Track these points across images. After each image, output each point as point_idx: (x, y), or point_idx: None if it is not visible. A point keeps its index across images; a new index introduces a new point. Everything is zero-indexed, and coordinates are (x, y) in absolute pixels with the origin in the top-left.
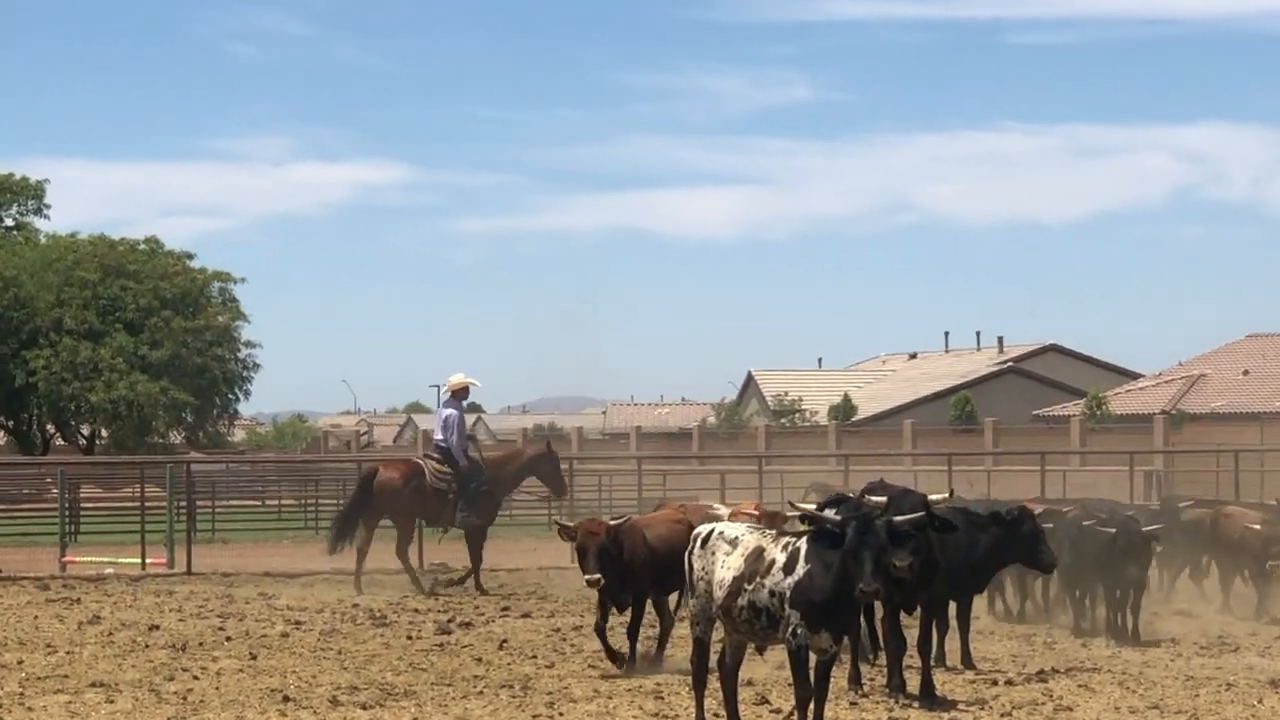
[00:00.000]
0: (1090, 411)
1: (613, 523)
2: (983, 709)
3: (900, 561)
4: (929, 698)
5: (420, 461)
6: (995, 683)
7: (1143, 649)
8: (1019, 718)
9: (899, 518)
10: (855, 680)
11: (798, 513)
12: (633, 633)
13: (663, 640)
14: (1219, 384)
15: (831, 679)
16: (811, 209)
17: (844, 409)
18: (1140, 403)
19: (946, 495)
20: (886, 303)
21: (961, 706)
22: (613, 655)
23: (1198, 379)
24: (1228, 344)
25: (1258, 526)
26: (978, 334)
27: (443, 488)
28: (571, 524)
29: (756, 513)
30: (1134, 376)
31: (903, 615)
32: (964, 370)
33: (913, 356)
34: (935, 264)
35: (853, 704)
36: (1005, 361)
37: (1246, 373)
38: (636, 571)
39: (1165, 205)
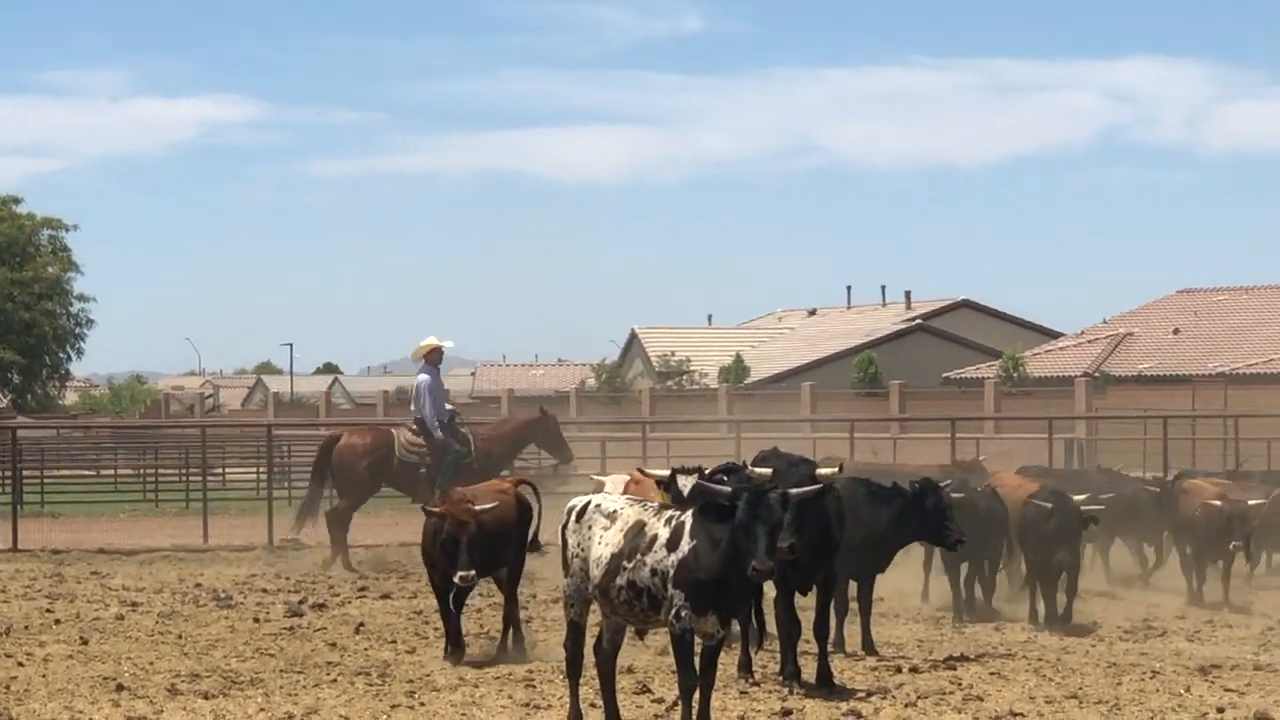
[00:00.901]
0: (1006, 373)
1: (480, 508)
2: (885, 698)
3: (780, 542)
4: (826, 686)
5: (394, 432)
6: (899, 670)
7: (1061, 634)
8: (924, 708)
9: (794, 490)
10: (745, 667)
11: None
12: (451, 615)
13: (508, 622)
14: (1147, 344)
15: (719, 665)
16: (703, 151)
17: (736, 370)
18: (1061, 364)
19: (836, 469)
20: (784, 254)
21: (862, 696)
22: (457, 644)
23: (1123, 338)
24: (1156, 300)
25: (1218, 502)
26: (883, 289)
27: (413, 460)
28: (438, 509)
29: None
30: (1054, 336)
31: (797, 596)
32: (868, 328)
33: (812, 313)
34: (838, 212)
35: (743, 693)
36: (913, 319)
37: (1177, 331)
38: (498, 551)
39: (1091, 148)
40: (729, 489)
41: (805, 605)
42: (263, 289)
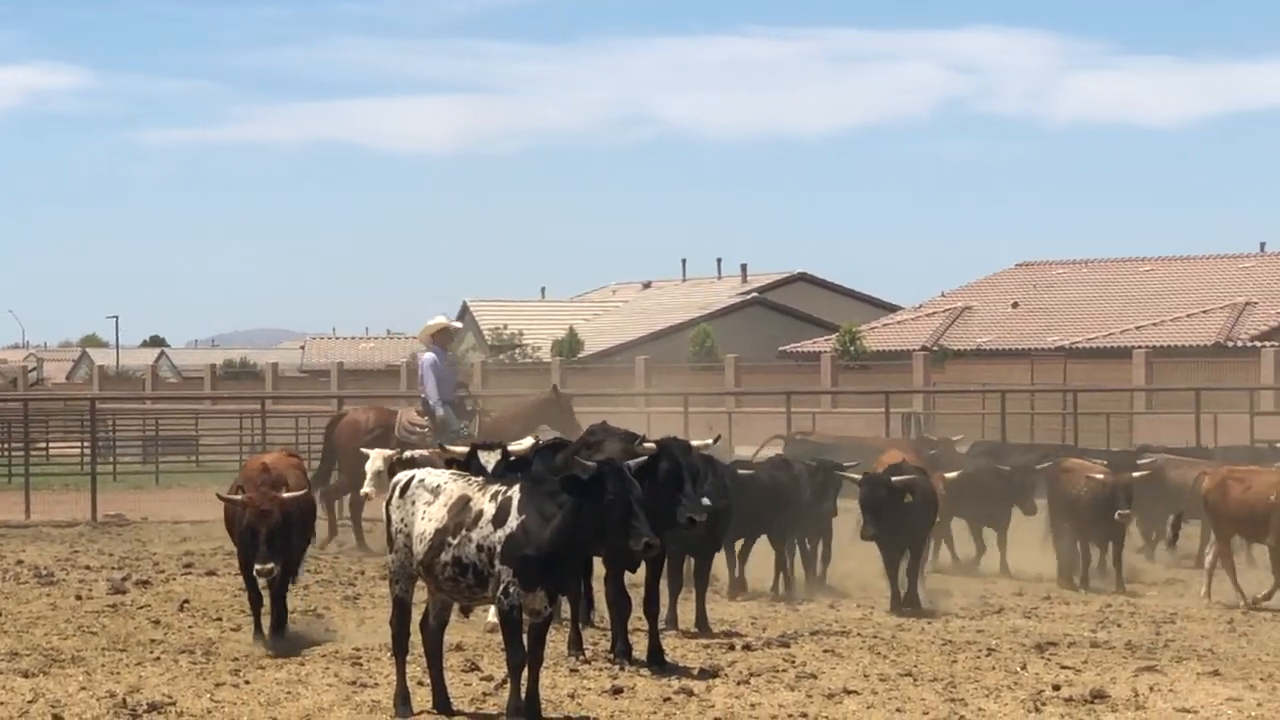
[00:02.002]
0: (843, 347)
1: (286, 495)
2: (717, 676)
3: (696, 515)
4: (658, 663)
5: (399, 411)
6: (732, 648)
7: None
8: (757, 686)
9: (630, 462)
10: (576, 644)
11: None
12: (279, 606)
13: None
14: (985, 317)
15: (549, 643)
16: (538, 121)
17: (569, 344)
18: (899, 338)
19: (711, 440)
20: (619, 227)
21: (694, 674)
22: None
23: (962, 312)
24: (995, 274)
25: (1100, 476)
26: (719, 261)
27: (413, 441)
28: (238, 497)
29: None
30: (892, 309)
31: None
32: (703, 301)
33: (646, 286)
34: (674, 184)
35: (573, 671)
36: (749, 292)
37: (1015, 305)
38: (291, 536)
39: (931, 120)
40: (594, 464)
41: (635, 582)
42: (89, 260)
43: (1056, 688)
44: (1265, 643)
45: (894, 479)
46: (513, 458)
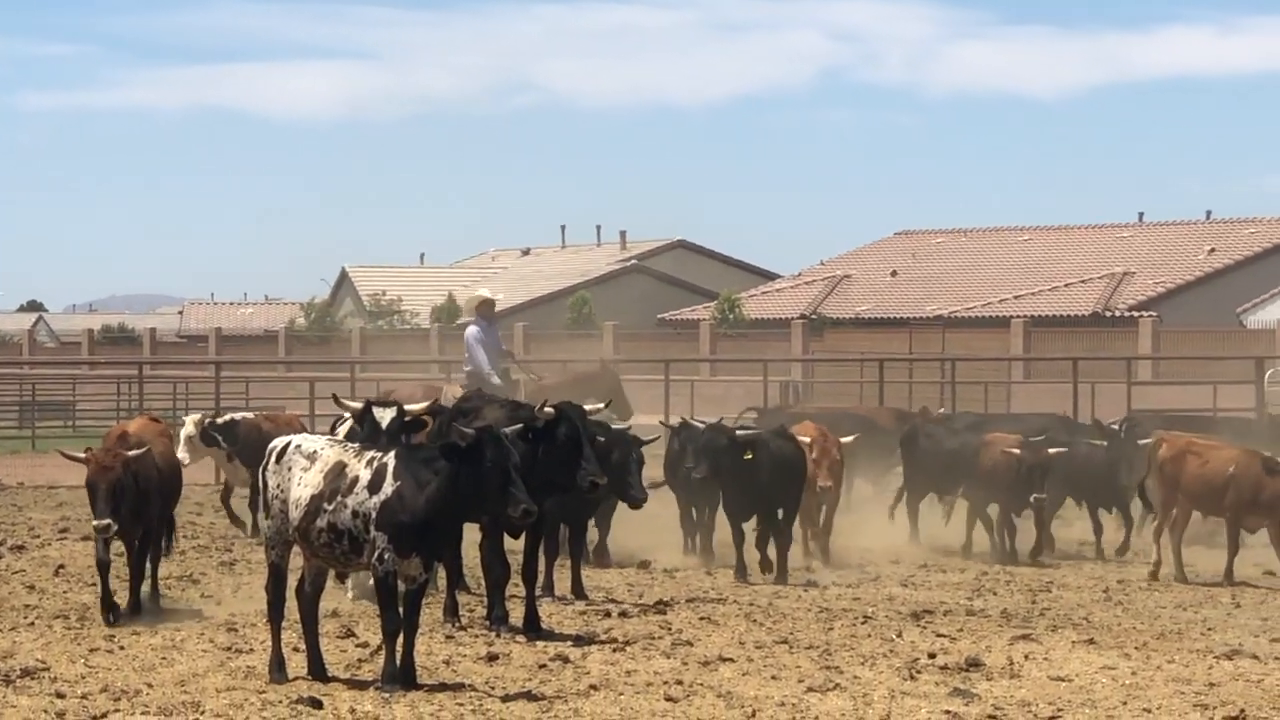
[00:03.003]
0: (722, 315)
1: (131, 453)
2: (593, 644)
3: (599, 479)
4: (534, 630)
5: (444, 387)
6: (608, 614)
7: (772, 581)
8: (633, 653)
9: (508, 429)
10: (452, 611)
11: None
12: (137, 572)
13: (149, 576)
14: (864, 286)
15: (424, 609)
16: (419, 87)
17: (448, 310)
18: (778, 306)
19: (601, 405)
20: (498, 193)
21: (570, 640)
22: (107, 605)
23: (841, 280)
24: (874, 242)
25: (1017, 451)
26: (598, 228)
27: None
28: (81, 454)
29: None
30: (771, 277)
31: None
32: (582, 268)
33: (526, 253)
34: (554, 150)
35: (449, 637)
36: (628, 259)
37: (894, 274)
38: (150, 500)
39: (812, 88)
40: (472, 431)
41: (514, 549)
42: None
43: (932, 656)
44: (1140, 611)
45: (739, 433)
46: (407, 417)
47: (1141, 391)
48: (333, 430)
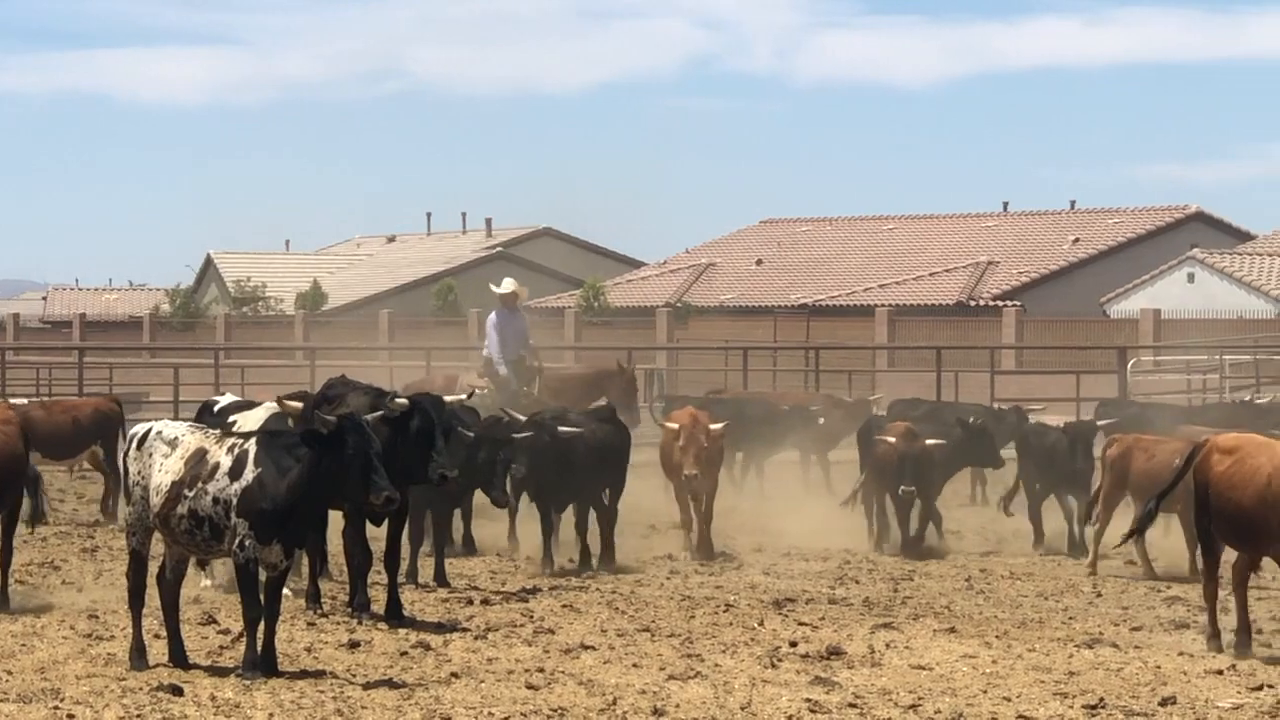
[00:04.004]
0: (587, 303)
1: None
2: (455, 631)
3: (449, 471)
4: (396, 617)
5: (460, 375)
6: (471, 602)
7: (635, 569)
8: (495, 641)
9: (369, 416)
10: (314, 598)
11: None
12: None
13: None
14: (729, 274)
15: (286, 596)
16: (287, 74)
17: (313, 297)
18: (643, 294)
19: (465, 396)
20: (363, 179)
21: (432, 628)
22: None
23: (706, 268)
24: (740, 231)
25: (892, 439)
26: (464, 215)
27: (473, 403)
28: None
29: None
30: (637, 265)
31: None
32: (448, 255)
33: (391, 240)
34: (420, 137)
35: (311, 624)
36: (494, 246)
37: (760, 262)
38: None
39: (679, 76)
40: (334, 419)
41: (376, 535)
42: None
43: (793, 644)
44: (1002, 600)
45: (560, 428)
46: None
47: (1005, 380)
48: (199, 418)
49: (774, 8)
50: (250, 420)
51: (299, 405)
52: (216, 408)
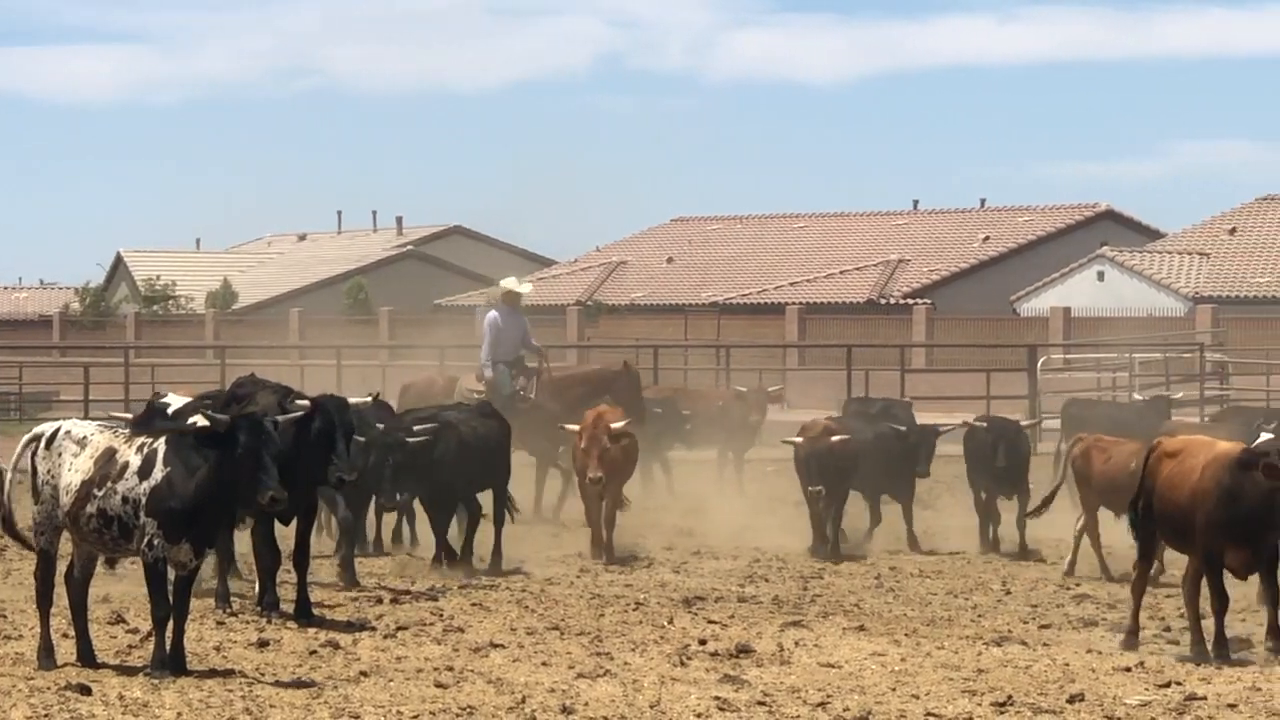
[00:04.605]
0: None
1: None
2: (364, 630)
3: (348, 475)
4: (305, 616)
5: (460, 378)
6: (380, 600)
7: (547, 566)
8: (404, 639)
9: (281, 417)
10: (223, 598)
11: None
12: None
13: None
14: (640, 272)
15: (195, 595)
16: (197, 72)
17: (224, 296)
18: (553, 292)
19: (369, 398)
20: (274, 178)
21: (341, 626)
22: None
23: (617, 266)
24: (650, 229)
25: (799, 440)
26: (374, 214)
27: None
28: None
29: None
30: (547, 263)
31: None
32: (359, 254)
33: (302, 238)
34: (330, 135)
35: (220, 623)
36: (405, 244)
37: (670, 260)
38: None
39: (591, 74)
40: (226, 417)
41: (285, 534)
42: None
43: (703, 642)
44: (911, 598)
45: (409, 430)
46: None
47: (915, 378)
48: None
49: (686, 6)
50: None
51: (309, 404)
52: (170, 410)
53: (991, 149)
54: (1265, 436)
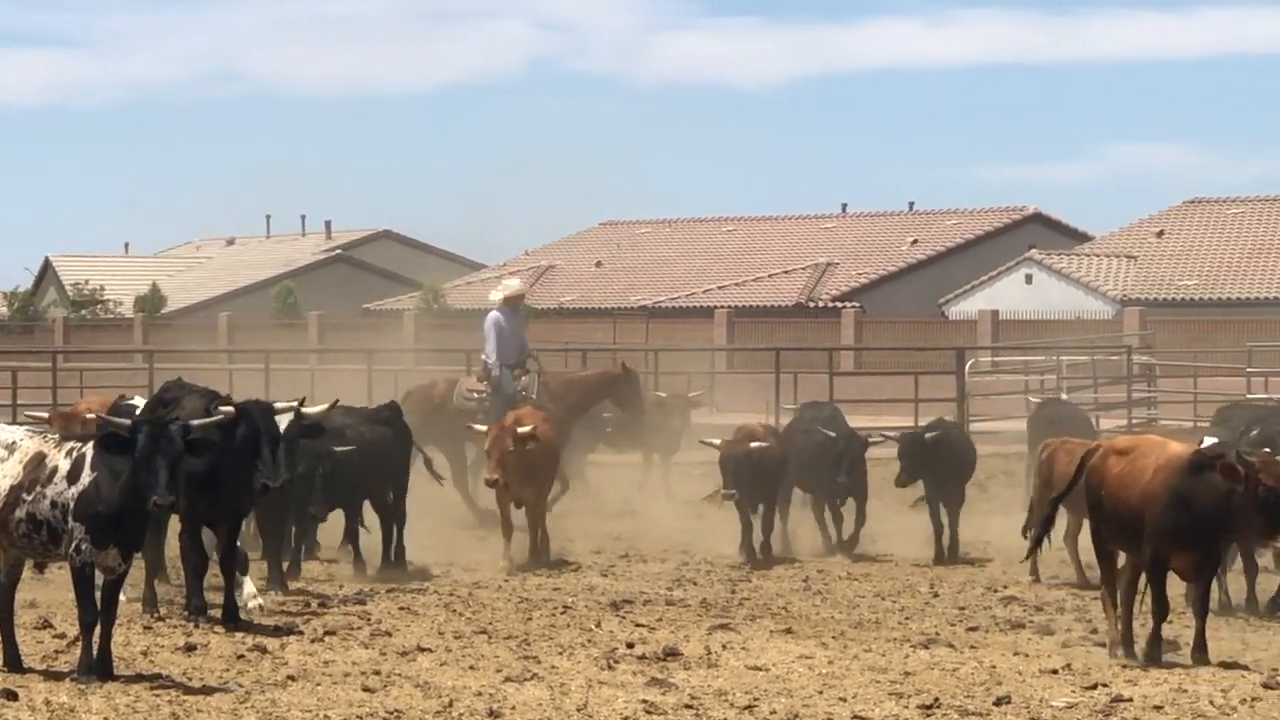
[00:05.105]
0: (426, 305)
1: None
2: (292, 634)
3: (273, 481)
4: (233, 620)
5: (459, 379)
6: (308, 605)
7: (473, 570)
8: (332, 644)
9: (195, 422)
10: (151, 602)
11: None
12: None
13: None
14: (569, 276)
15: (123, 600)
16: (125, 75)
17: (152, 300)
18: (482, 296)
19: (295, 403)
20: (203, 182)
21: (269, 631)
22: None
23: (546, 270)
24: (579, 232)
25: (717, 442)
26: (303, 218)
27: (470, 407)
28: None
29: None
30: (476, 267)
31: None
32: (287, 258)
33: (231, 243)
34: (259, 139)
35: (147, 628)
36: (334, 249)
37: (599, 264)
38: None
39: (520, 78)
40: (129, 421)
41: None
42: None
43: (630, 645)
44: (839, 601)
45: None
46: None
47: (843, 382)
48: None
49: (615, 9)
50: None
51: (231, 410)
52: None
53: (920, 152)
54: (1210, 441)
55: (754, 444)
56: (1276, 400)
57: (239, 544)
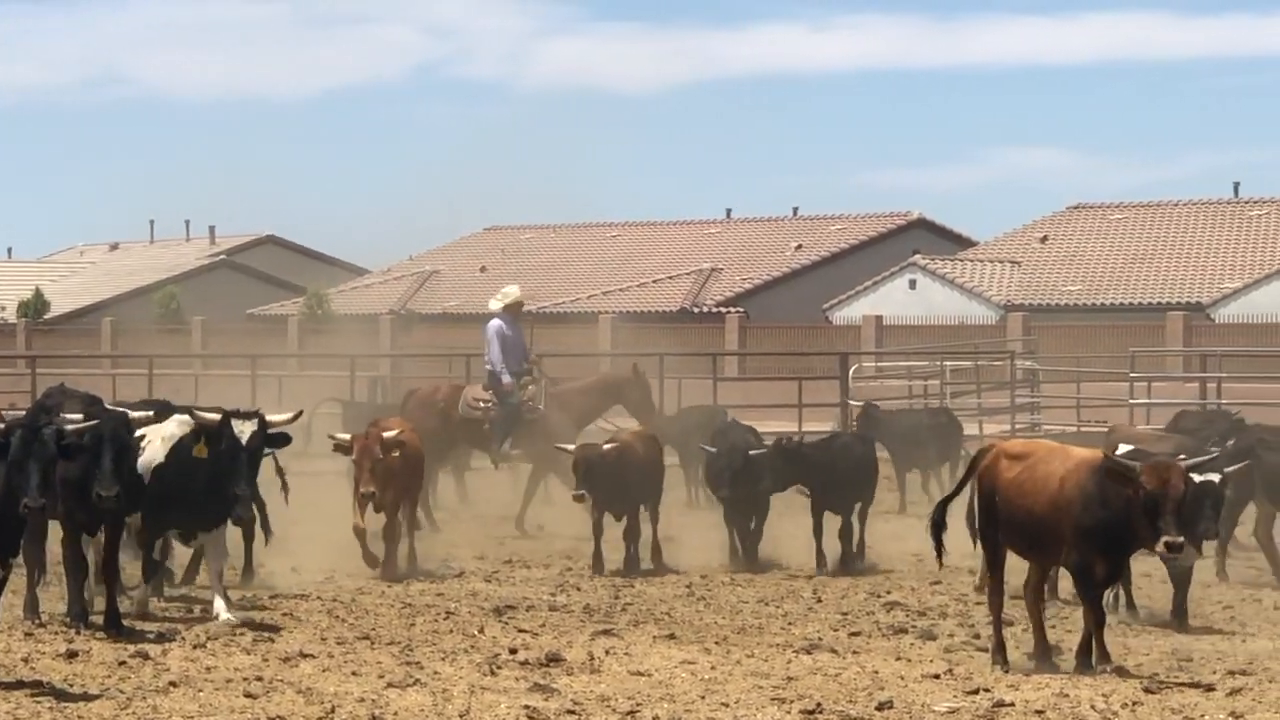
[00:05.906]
0: (310, 310)
1: None
2: (173, 640)
3: (105, 490)
4: (115, 627)
5: (465, 388)
6: (190, 611)
7: (357, 577)
8: (214, 650)
9: (71, 426)
10: (32, 608)
11: None
12: None
13: None
14: (453, 281)
15: (3, 606)
16: (7, 79)
17: (35, 305)
18: (366, 301)
19: (150, 413)
20: (86, 186)
21: (151, 637)
22: None
23: (430, 275)
24: (463, 238)
25: (570, 446)
26: (187, 223)
27: (476, 416)
28: None
29: None
30: (361, 272)
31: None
32: (171, 263)
33: (114, 247)
34: (143, 144)
35: (28, 635)
36: (217, 254)
37: (484, 269)
38: None
39: (405, 83)
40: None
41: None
42: None
43: (513, 651)
44: (722, 606)
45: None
46: (270, 429)
47: (727, 387)
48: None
49: (501, 14)
50: (158, 431)
51: (215, 418)
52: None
53: (804, 157)
54: (1124, 449)
55: (607, 447)
56: (1217, 405)
57: (156, 557)
